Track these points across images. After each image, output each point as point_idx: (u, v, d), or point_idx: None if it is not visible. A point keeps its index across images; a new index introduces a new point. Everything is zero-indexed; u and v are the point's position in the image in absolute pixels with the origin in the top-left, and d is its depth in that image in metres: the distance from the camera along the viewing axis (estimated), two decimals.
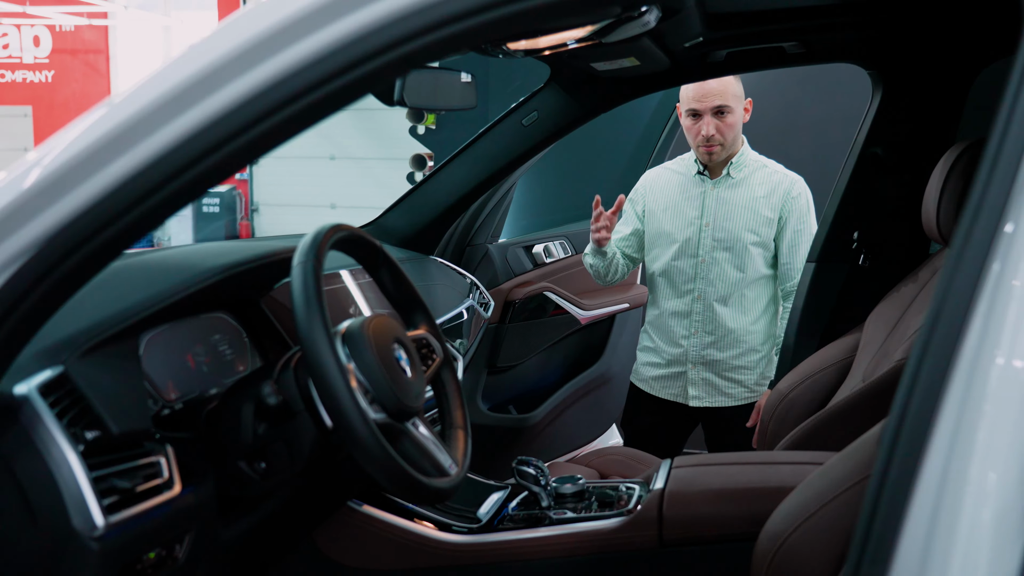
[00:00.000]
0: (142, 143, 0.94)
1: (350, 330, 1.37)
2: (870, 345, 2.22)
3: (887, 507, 0.77)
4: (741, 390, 2.74)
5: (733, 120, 2.62)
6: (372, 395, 1.33)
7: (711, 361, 2.71)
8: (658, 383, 2.81)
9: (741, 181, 2.68)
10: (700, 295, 2.68)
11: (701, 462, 1.84)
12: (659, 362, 2.79)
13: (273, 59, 0.94)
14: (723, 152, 2.64)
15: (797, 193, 2.70)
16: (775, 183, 2.70)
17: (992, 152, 0.79)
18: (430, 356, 1.56)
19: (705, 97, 2.58)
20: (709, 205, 2.68)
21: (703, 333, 2.69)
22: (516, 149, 2.47)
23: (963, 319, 0.77)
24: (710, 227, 2.66)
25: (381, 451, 1.25)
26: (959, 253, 0.79)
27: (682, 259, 2.70)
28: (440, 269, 2.57)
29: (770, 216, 2.66)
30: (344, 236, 1.43)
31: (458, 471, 1.46)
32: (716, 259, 2.66)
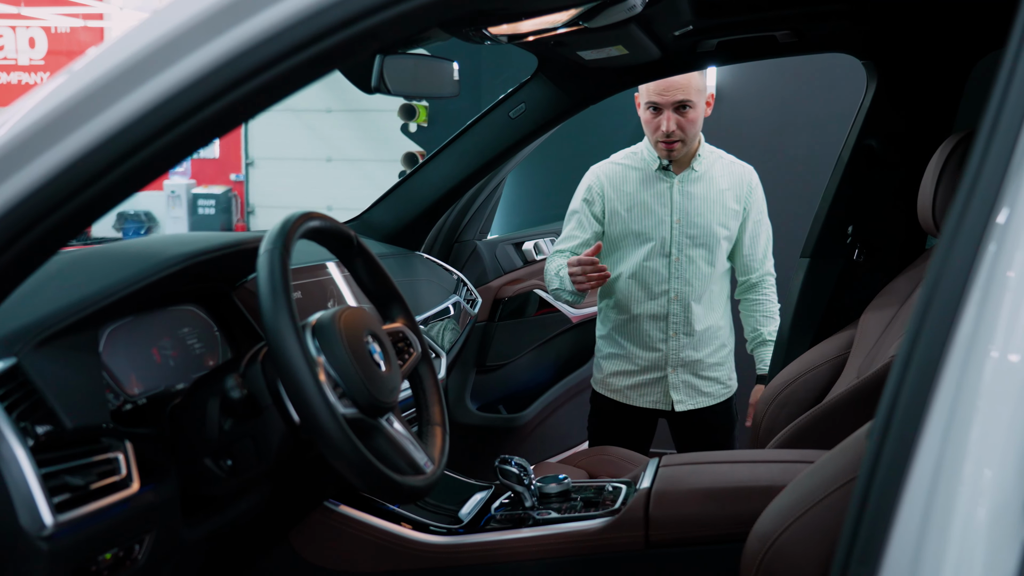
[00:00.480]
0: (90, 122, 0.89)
1: (320, 322, 1.31)
2: (865, 342, 2.17)
3: (875, 506, 0.74)
4: (718, 387, 2.67)
5: (695, 116, 2.50)
6: (342, 389, 1.28)
7: (690, 362, 2.61)
8: (635, 391, 2.66)
9: (704, 174, 2.58)
10: (677, 295, 2.57)
11: (689, 461, 1.78)
12: (633, 369, 2.64)
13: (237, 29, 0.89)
14: (683, 148, 2.51)
15: (756, 183, 2.66)
16: (737, 174, 2.63)
17: (984, 138, 0.75)
18: (407, 350, 1.51)
19: (667, 90, 2.44)
20: (677, 200, 2.56)
21: (681, 335, 2.59)
22: (503, 142, 2.41)
23: (955, 311, 0.73)
24: (681, 224, 2.55)
25: (350, 447, 1.20)
26: (950, 243, 0.75)
27: (654, 259, 2.56)
28: (426, 265, 2.52)
29: (736, 208, 2.60)
30: (316, 226, 1.38)
31: (434, 469, 1.40)
32: (690, 257, 2.56)
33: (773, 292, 2.73)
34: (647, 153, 2.60)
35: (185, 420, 1.32)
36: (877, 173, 2.30)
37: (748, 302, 2.73)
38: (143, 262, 1.29)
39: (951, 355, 0.72)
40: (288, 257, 1.26)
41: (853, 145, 2.32)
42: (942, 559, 0.70)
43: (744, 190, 2.61)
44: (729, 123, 4.07)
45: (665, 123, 2.46)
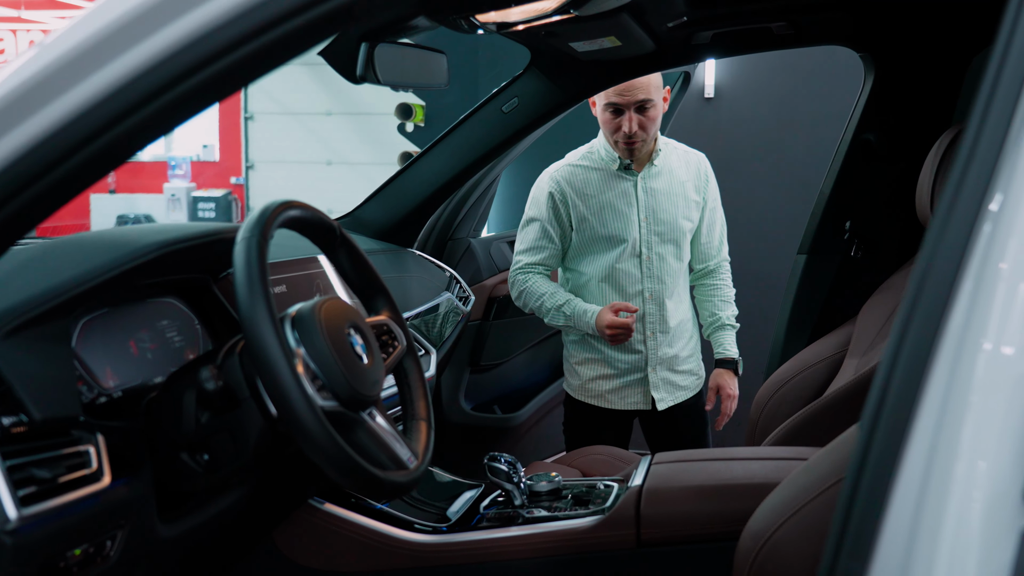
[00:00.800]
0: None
1: (300, 313, 1.28)
2: (863, 339, 2.14)
3: (865, 499, 0.71)
4: (692, 379, 2.64)
5: (656, 114, 2.42)
6: (322, 382, 1.24)
7: (667, 359, 2.57)
8: (616, 395, 2.60)
9: (663, 168, 2.53)
10: (651, 295, 2.52)
11: (682, 458, 1.74)
12: (613, 373, 2.57)
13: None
14: (644, 147, 2.46)
15: (710, 170, 2.62)
16: (693, 164, 2.59)
17: (976, 121, 0.72)
18: (391, 344, 1.47)
19: (628, 91, 2.36)
20: (642, 199, 2.50)
21: (658, 333, 2.54)
22: (496, 137, 2.38)
23: (945, 302, 0.70)
24: (649, 221, 2.50)
25: (329, 441, 1.16)
26: (940, 230, 0.72)
27: (626, 260, 2.50)
28: (417, 262, 2.48)
29: (697, 199, 2.56)
30: (296, 215, 1.34)
31: (418, 465, 1.37)
32: (661, 254, 2.51)
33: (729, 277, 2.70)
34: (604, 152, 2.53)
35: (161, 413, 1.28)
36: (874, 167, 2.27)
37: (705, 287, 2.69)
38: (116, 250, 1.25)
39: (942, 348, 0.70)
40: (266, 246, 1.23)
41: (850, 139, 2.28)
42: (935, 552, 0.68)
43: (702, 180, 2.58)
44: (728, 122, 4.04)
45: (627, 124, 2.39)
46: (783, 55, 3.95)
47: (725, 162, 3.97)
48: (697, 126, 4.02)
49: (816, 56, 3.90)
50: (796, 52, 3.91)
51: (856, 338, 2.17)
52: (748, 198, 4.00)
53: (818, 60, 3.91)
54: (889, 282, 2.18)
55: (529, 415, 3.07)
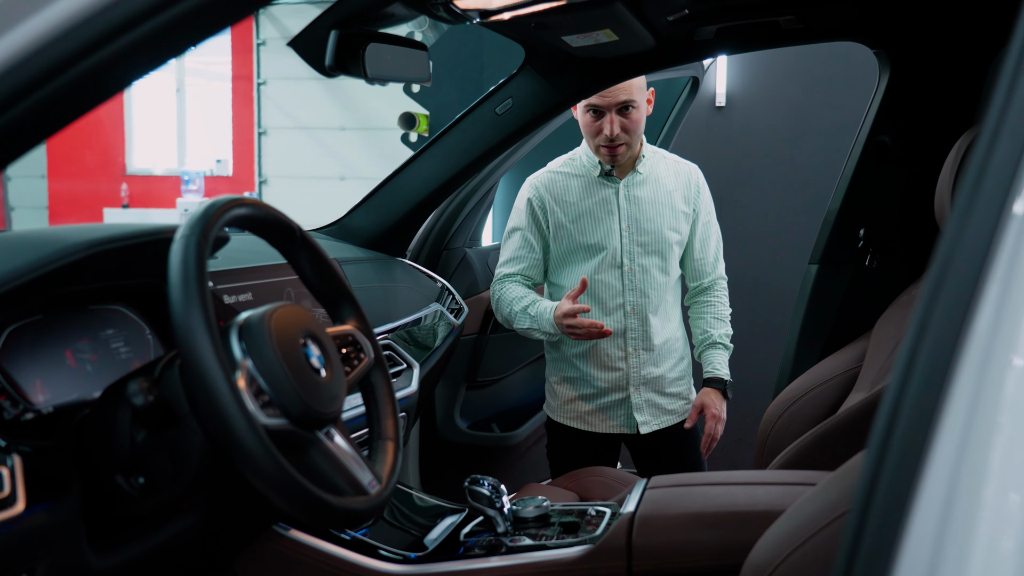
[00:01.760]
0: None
1: (248, 321, 1.16)
2: (878, 354, 2.00)
3: (873, 539, 0.60)
4: (681, 403, 2.49)
5: (639, 116, 2.31)
6: (269, 397, 1.12)
7: (651, 379, 2.42)
8: (596, 416, 2.45)
9: (648, 176, 2.40)
10: (633, 308, 2.38)
11: (680, 482, 1.60)
12: (592, 392, 2.43)
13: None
14: (627, 152, 2.33)
15: (703, 182, 2.48)
16: (683, 174, 2.45)
17: (996, 113, 0.60)
18: (357, 356, 1.35)
19: (608, 92, 2.25)
20: (624, 206, 2.37)
21: (641, 350, 2.40)
22: (489, 140, 2.26)
23: (965, 311, 0.59)
24: (631, 231, 2.37)
25: (270, 462, 1.04)
26: (958, 232, 0.60)
27: (606, 271, 2.37)
28: (407, 271, 2.36)
29: (686, 210, 2.42)
30: (246, 213, 1.22)
31: (380, 490, 1.23)
32: (644, 266, 2.37)
33: (725, 295, 2.55)
34: (586, 159, 2.41)
35: (94, 431, 1.16)
36: (890, 171, 2.13)
37: (699, 305, 2.55)
38: (41, 250, 1.13)
39: (963, 362, 0.59)
40: (206, 245, 1.10)
41: (864, 141, 2.15)
42: None
43: (692, 190, 2.44)
44: (740, 132, 3.92)
45: (608, 127, 2.27)
46: (797, 62, 3.83)
47: (737, 173, 3.85)
48: (708, 136, 3.90)
49: (831, 63, 3.77)
50: (810, 59, 3.79)
51: (871, 353, 2.03)
52: (761, 210, 3.87)
53: (833, 67, 3.78)
54: (906, 293, 2.04)
55: (528, 434, 2.94)
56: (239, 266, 1.66)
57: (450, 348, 2.24)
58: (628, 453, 2.60)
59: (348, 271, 2.03)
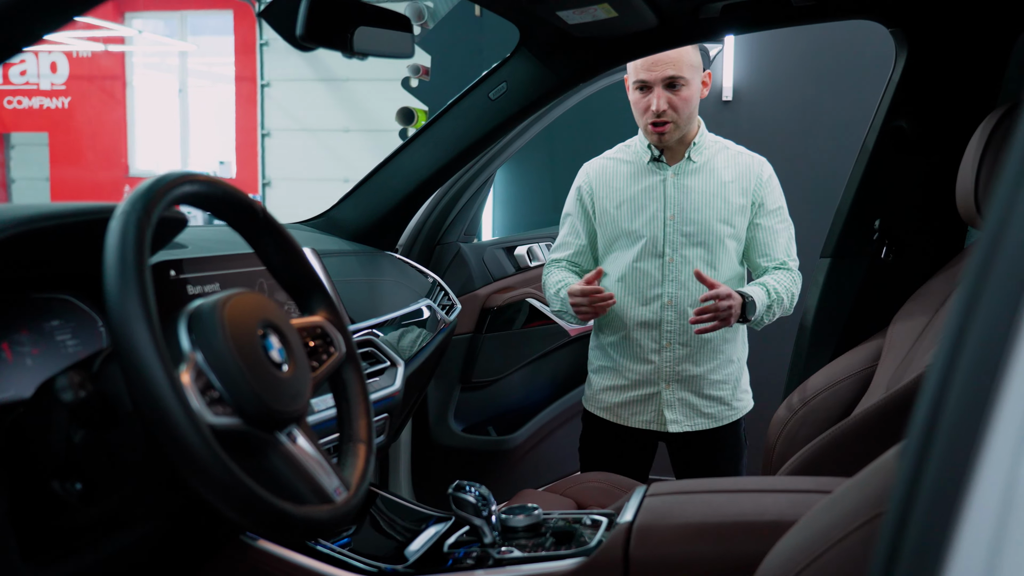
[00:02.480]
0: None
1: (199, 310, 1.04)
2: (895, 352, 1.87)
3: (915, 549, 0.51)
4: (721, 408, 2.35)
5: (688, 94, 2.21)
6: (219, 394, 1.00)
7: (687, 378, 2.30)
8: (626, 410, 2.36)
9: (703, 165, 2.29)
10: (671, 300, 2.27)
11: (681, 489, 1.47)
12: (623, 384, 2.34)
13: None
14: (676, 132, 2.23)
15: (768, 174, 2.32)
16: (744, 165, 2.31)
17: None
18: (327, 350, 1.23)
19: (655, 66, 2.17)
20: (671, 194, 2.26)
21: (676, 345, 2.28)
22: (483, 127, 2.14)
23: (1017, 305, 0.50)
24: (675, 220, 2.26)
25: (216, 466, 0.92)
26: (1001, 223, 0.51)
27: (646, 260, 2.27)
28: (396, 265, 2.24)
29: (742, 203, 2.28)
30: (199, 190, 1.10)
31: (347, 497, 1.11)
32: (686, 257, 2.26)
33: (792, 278, 2.30)
34: (639, 145, 2.33)
35: (26, 432, 1.04)
36: (907, 158, 2.00)
37: (768, 273, 2.32)
38: None
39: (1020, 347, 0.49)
40: (148, 224, 0.99)
41: (880, 127, 2.02)
42: None
43: (751, 182, 2.29)
44: (748, 126, 3.80)
45: (655, 101, 2.18)
46: (807, 55, 3.71)
47: None
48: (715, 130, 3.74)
49: (842, 55, 3.65)
50: (821, 51, 3.67)
51: (887, 352, 1.91)
52: None
53: (844, 59, 3.66)
54: (924, 288, 1.92)
55: (526, 437, 2.81)
56: (208, 254, 1.55)
57: (440, 347, 2.12)
58: (662, 458, 2.49)
59: (332, 264, 1.91)
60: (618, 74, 2.56)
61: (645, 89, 2.21)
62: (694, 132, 2.29)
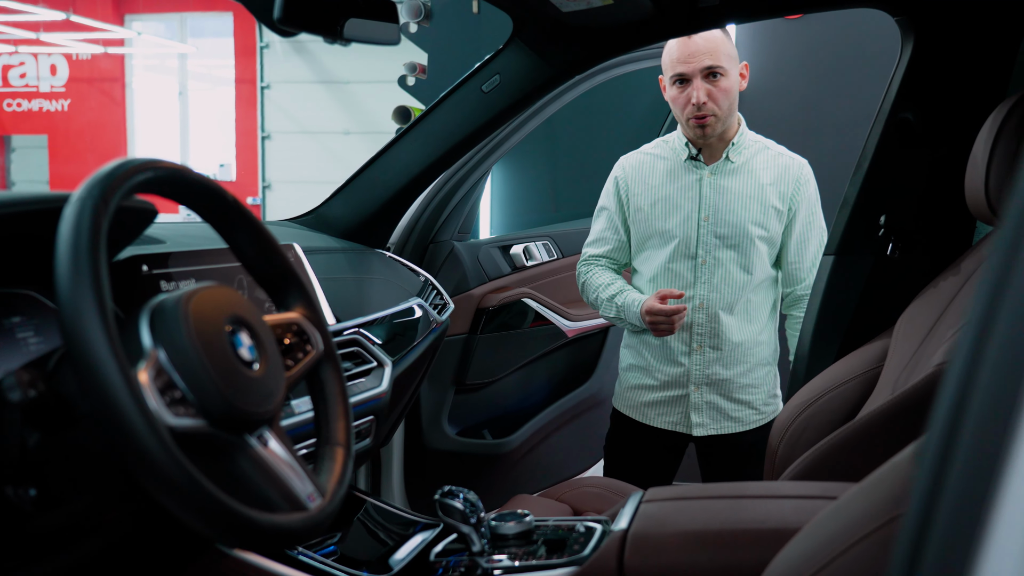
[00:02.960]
0: None
1: (163, 305, 0.97)
2: (901, 352, 1.80)
3: (939, 553, 0.47)
4: (749, 412, 2.30)
5: (728, 85, 2.16)
6: (182, 393, 0.93)
7: (717, 381, 2.26)
8: (653, 410, 2.33)
9: (742, 166, 2.24)
10: (703, 303, 2.23)
11: (679, 495, 1.41)
12: (653, 384, 2.31)
13: None
14: (718, 125, 2.18)
15: (807, 179, 2.29)
16: (782, 167, 2.27)
17: None
18: (303, 348, 1.16)
19: (692, 57, 2.13)
20: (707, 195, 2.22)
21: (707, 348, 2.25)
22: (475, 120, 2.07)
23: None
24: (710, 221, 2.21)
25: (174, 470, 0.85)
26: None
27: (679, 261, 2.24)
28: (386, 263, 2.17)
29: (779, 207, 2.24)
30: (164, 176, 1.04)
31: (322, 504, 1.05)
32: (719, 259, 2.22)
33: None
34: (677, 142, 2.28)
35: None
36: (914, 152, 1.93)
37: (793, 319, 2.35)
38: None
39: None
40: (106, 212, 0.92)
41: (885, 120, 1.95)
42: None
43: (790, 186, 2.25)
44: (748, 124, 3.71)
45: (695, 93, 2.14)
46: (808, 54, 3.65)
47: None
48: None
49: (847, 50, 3.58)
50: (823, 50, 3.61)
51: (893, 352, 1.84)
52: None
53: (849, 55, 3.60)
54: (932, 286, 1.85)
55: (522, 441, 2.75)
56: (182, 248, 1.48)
57: (431, 347, 2.05)
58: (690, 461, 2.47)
59: (318, 261, 1.85)
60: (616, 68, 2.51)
61: (683, 83, 2.17)
62: (734, 129, 2.25)
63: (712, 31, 2.12)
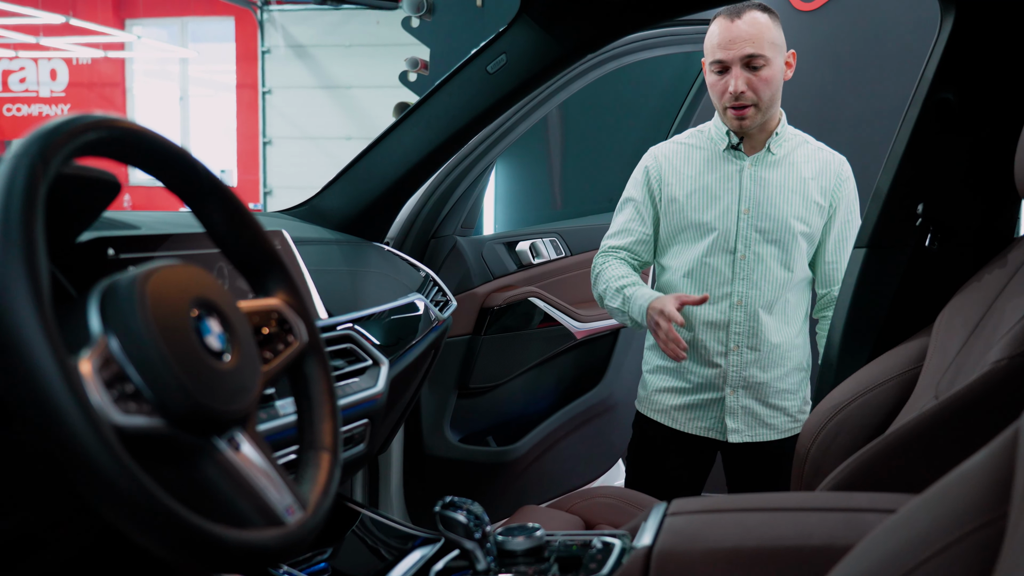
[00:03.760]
0: None
1: (115, 285, 0.83)
2: (943, 352, 1.66)
3: None
4: (784, 419, 2.17)
5: (770, 74, 2.03)
6: (135, 387, 0.79)
7: (754, 384, 2.13)
8: (684, 414, 2.17)
9: (783, 158, 2.12)
10: (741, 300, 2.10)
11: (708, 507, 1.26)
12: (685, 387, 2.16)
13: None
14: (758, 116, 2.05)
15: (847, 175, 2.18)
16: (823, 161, 2.16)
17: None
18: (284, 338, 1.02)
19: (732, 43, 2.00)
20: (747, 187, 2.09)
21: (745, 349, 2.11)
22: (480, 103, 1.93)
23: None
24: (750, 214, 2.08)
25: (119, 475, 0.71)
26: None
27: (716, 255, 2.10)
28: (384, 257, 2.03)
29: (821, 202, 2.13)
30: (119, 136, 0.90)
31: (303, 518, 0.90)
32: (760, 255, 2.09)
33: None
34: (715, 131, 2.15)
35: None
36: (955, 135, 1.79)
37: (826, 322, 2.22)
38: None
39: None
40: (45, 174, 0.78)
41: (922, 101, 1.81)
42: None
43: (831, 182, 2.15)
44: None
45: (733, 82, 2.01)
46: (824, 47, 3.51)
47: None
48: None
49: (862, 47, 3.45)
50: (839, 43, 3.47)
51: (933, 351, 1.69)
52: None
53: (866, 49, 3.46)
54: (976, 279, 1.70)
55: (529, 448, 2.61)
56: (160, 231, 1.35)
57: (432, 346, 1.91)
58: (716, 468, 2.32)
59: (309, 252, 1.71)
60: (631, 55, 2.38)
61: (723, 71, 2.04)
62: (775, 121, 2.13)
63: (757, 14, 2.00)
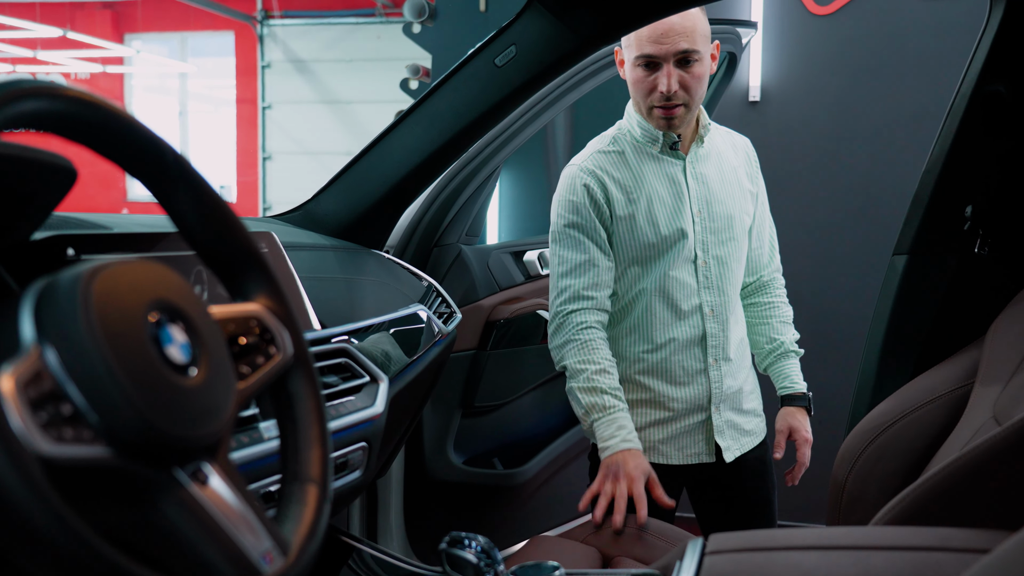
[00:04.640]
0: None
1: (54, 284, 0.68)
2: (998, 367, 1.51)
3: None
4: (757, 421, 2.06)
5: (701, 71, 1.85)
6: (75, 408, 0.64)
7: (730, 395, 1.97)
8: (672, 445, 1.95)
9: (711, 150, 1.98)
10: (712, 309, 1.92)
11: (752, 544, 1.10)
12: (667, 416, 1.94)
13: None
14: (687, 116, 1.87)
15: (755, 154, 2.09)
16: (740, 146, 2.06)
17: None
18: (264, 350, 0.86)
19: (666, 36, 1.81)
20: (693, 187, 1.93)
21: (721, 361, 1.95)
22: (488, 99, 1.78)
23: None
24: (702, 216, 1.92)
25: (43, 517, 0.56)
26: None
27: (678, 267, 1.91)
28: (383, 265, 1.88)
29: (752, 188, 2.04)
30: (67, 109, 0.75)
31: (284, 566, 0.75)
32: (719, 258, 1.93)
33: (784, 293, 2.15)
34: (639, 130, 1.94)
35: None
36: (1006, 130, 1.65)
37: (759, 307, 2.12)
38: None
39: None
40: None
41: (970, 95, 1.67)
42: None
43: (752, 166, 2.06)
44: (777, 129, 3.47)
45: (664, 81, 1.82)
46: (841, 52, 3.39)
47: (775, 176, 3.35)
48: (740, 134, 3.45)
49: (878, 52, 3.33)
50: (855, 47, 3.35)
51: (987, 366, 1.54)
52: (802, 217, 3.41)
53: (881, 57, 3.34)
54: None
55: (537, 471, 2.45)
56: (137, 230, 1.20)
57: (436, 362, 1.75)
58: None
59: (303, 258, 1.56)
60: None
61: (651, 66, 1.85)
62: (697, 113, 1.95)
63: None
